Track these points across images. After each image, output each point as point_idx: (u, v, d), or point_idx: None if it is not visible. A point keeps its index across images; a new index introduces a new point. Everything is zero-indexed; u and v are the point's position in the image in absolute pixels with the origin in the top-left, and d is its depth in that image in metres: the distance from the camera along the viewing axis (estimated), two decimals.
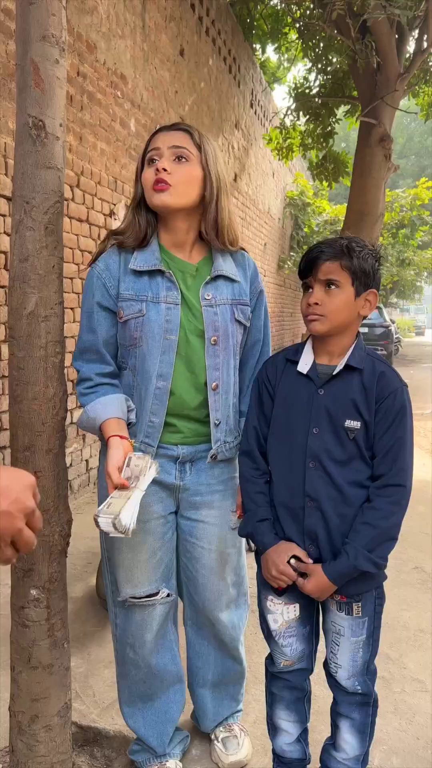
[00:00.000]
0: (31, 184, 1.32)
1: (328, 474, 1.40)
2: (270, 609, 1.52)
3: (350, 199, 6.46)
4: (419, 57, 5.91)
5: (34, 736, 1.45)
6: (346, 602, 1.45)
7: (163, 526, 1.58)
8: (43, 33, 1.28)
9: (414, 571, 3.13)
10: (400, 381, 1.41)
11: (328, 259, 1.37)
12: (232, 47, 7.50)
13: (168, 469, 1.55)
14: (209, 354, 1.52)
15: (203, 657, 1.74)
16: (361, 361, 1.41)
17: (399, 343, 18.05)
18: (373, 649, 1.49)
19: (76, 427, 4.25)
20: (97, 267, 1.51)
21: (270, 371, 1.53)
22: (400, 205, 14.51)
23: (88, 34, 4.10)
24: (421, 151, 28.95)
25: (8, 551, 0.76)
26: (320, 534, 1.41)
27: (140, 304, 1.48)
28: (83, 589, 2.86)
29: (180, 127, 1.49)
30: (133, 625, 1.60)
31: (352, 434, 1.39)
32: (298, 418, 1.44)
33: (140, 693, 1.66)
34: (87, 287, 1.52)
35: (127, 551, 1.56)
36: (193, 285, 1.53)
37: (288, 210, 12.91)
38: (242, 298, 1.58)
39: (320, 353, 1.46)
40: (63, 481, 1.45)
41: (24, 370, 1.37)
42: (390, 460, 1.38)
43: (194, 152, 1.47)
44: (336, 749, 1.55)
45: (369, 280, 1.39)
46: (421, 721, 1.98)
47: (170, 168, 1.45)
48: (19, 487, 0.77)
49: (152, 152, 1.47)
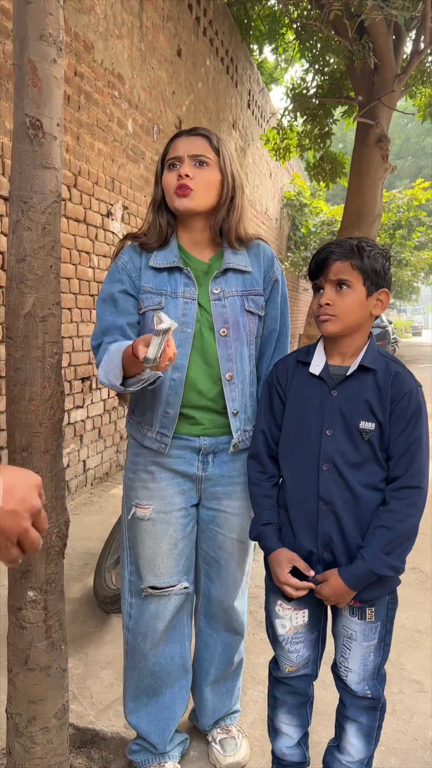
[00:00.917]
0: (29, 184, 1.31)
1: (342, 476, 1.38)
2: (278, 614, 1.51)
3: (347, 199, 6.47)
4: (416, 58, 5.91)
5: (31, 737, 1.45)
6: (359, 607, 1.44)
7: (184, 518, 1.61)
8: (40, 32, 1.28)
9: (412, 571, 3.13)
10: (414, 381, 1.40)
11: (338, 259, 1.36)
12: (229, 48, 7.50)
13: (190, 460, 1.59)
14: (220, 345, 1.55)
15: (210, 650, 1.76)
16: (374, 362, 1.40)
17: (396, 344, 18.06)
18: (384, 653, 1.48)
19: (73, 427, 4.24)
20: (121, 259, 1.58)
21: (281, 373, 1.51)
22: (397, 205, 14.53)
23: (86, 34, 4.10)
24: (418, 152, 28.99)
25: (14, 551, 0.75)
26: (335, 538, 1.40)
27: (160, 297, 1.54)
28: (81, 591, 2.85)
29: (199, 133, 1.55)
30: (147, 615, 1.63)
31: (366, 436, 1.37)
32: (311, 420, 1.42)
33: (146, 687, 1.67)
34: (112, 276, 1.57)
35: (150, 541, 1.59)
36: (205, 281, 1.58)
37: (285, 210, 12.92)
38: (254, 288, 1.60)
39: (332, 354, 1.44)
40: (60, 482, 1.44)
41: (21, 370, 1.36)
42: (406, 462, 1.35)
43: (213, 157, 1.54)
44: (340, 752, 1.54)
45: (380, 279, 1.38)
46: (419, 721, 1.98)
47: (192, 173, 1.51)
48: (25, 486, 0.76)
49: (173, 159, 1.54)
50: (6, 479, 0.74)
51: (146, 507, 1.59)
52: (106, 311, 1.55)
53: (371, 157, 6.15)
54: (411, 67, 5.94)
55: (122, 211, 4.84)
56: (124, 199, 4.86)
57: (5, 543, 0.74)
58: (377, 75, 5.97)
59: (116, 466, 4.99)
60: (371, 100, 5.97)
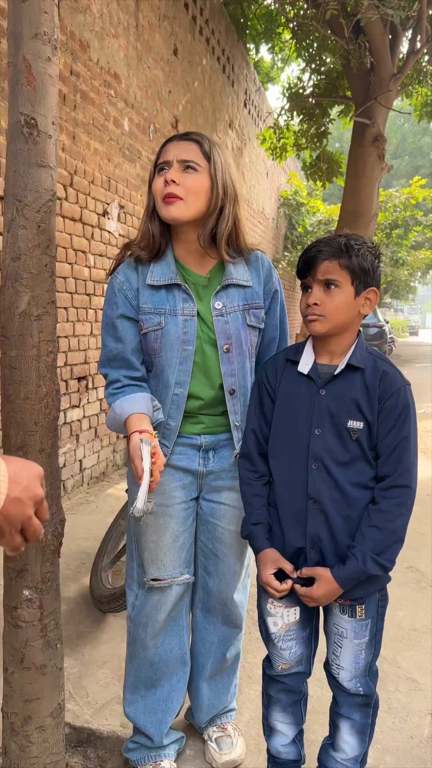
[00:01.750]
0: (23, 182, 1.31)
1: (331, 475, 1.38)
2: (270, 612, 1.51)
3: (344, 199, 6.48)
4: (412, 57, 5.92)
5: (27, 737, 1.45)
6: (349, 605, 1.44)
7: (184, 511, 1.64)
8: (35, 30, 1.27)
9: (408, 570, 3.14)
10: (402, 380, 1.40)
11: (326, 259, 1.35)
12: (225, 47, 7.50)
13: (191, 456, 1.61)
14: (223, 361, 1.56)
15: (207, 643, 1.77)
16: (362, 360, 1.39)
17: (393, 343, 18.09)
18: (375, 650, 1.49)
19: (69, 427, 4.24)
20: (117, 279, 1.56)
21: (270, 372, 1.51)
22: (394, 205, 14.55)
23: (81, 33, 4.09)
24: (414, 152, 29.03)
25: (18, 539, 0.77)
26: (323, 536, 1.40)
27: (159, 317, 1.53)
28: (77, 590, 2.85)
29: (191, 138, 1.51)
30: (149, 606, 1.66)
31: (354, 435, 1.37)
32: (300, 419, 1.42)
33: (145, 678, 1.70)
34: (109, 298, 1.58)
35: (152, 534, 1.62)
36: (205, 296, 1.57)
37: (282, 210, 12.92)
38: (255, 302, 1.59)
39: (321, 353, 1.44)
40: (56, 480, 1.44)
41: (16, 369, 1.36)
42: (395, 461, 1.35)
43: (203, 163, 1.50)
44: (335, 749, 1.54)
45: (369, 278, 1.37)
46: (415, 719, 1.99)
47: (178, 179, 1.47)
48: (28, 475, 0.78)
49: (162, 163, 1.51)
50: (11, 469, 0.76)
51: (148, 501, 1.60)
52: (108, 338, 1.58)
53: (368, 156, 6.16)
54: (407, 67, 5.96)
55: (118, 210, 4.83)
56: (120, 199, 4.85)
57: (9, 530, 0.76)
58: (373, 74, 5.98)
59: (112, 466, 4.98)
60: (367, 100, 5.98)
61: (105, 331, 1.59)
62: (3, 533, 0.75)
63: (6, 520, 0.74)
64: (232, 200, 1.54)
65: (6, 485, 0.74)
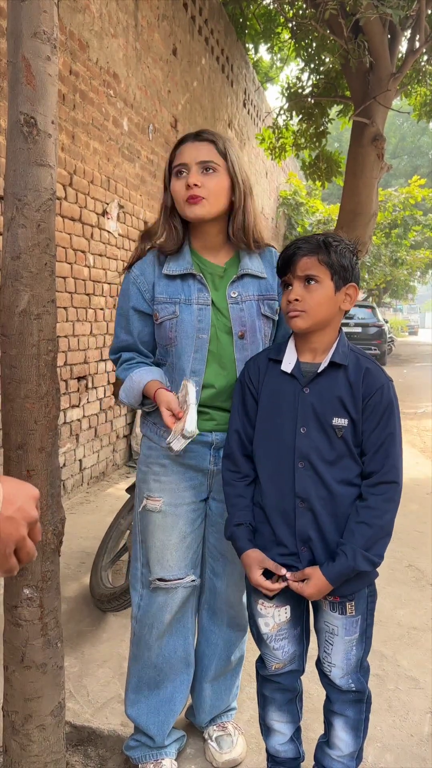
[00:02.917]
0: (23, 181, 1.31)
1: (318, 474, 1.39)
2: (261, 612, 1.51)
3: (343, 198, 6.48)
4: (411, 57, 5.92)
5: (27, 735, 1.45)
6: (339, 602, 1.44)
7: (193, 512, 1.64)
8: (34, 30, 1.28)
9: (408, 569, 3.14)
10: (385, 376, 1.41)
11: (305, 255, 1.37)
12: (224, 46, 7.50)
13: (203, 454, 1.61)
14: (238, 348, 1.58)
15: (212, 645, 1.77)
16: (345, 357, 1.40)
17: (392, 343, 18.11)
18: (366, 646, 1.49)
19: (69, 426, 4.24)
20: (132, 273, 1.62)
21: (252, 371, 1.50)
22: (393, 204, 14.55)
23: (81, 33, 4.09)
24: (413, 151, 29.04)
25: (11, 560, 0.77)
26: (312, 535, 1.40)
27: (174, 306, 1.56)
28: (77, 589, 2.85)
29: (205, 138, 1.54)
30: (155, 607, 1.65)
31: (339, 432, 1.38)
32: (285, 418, 1.43)
33: (148, 679, 1.69)
34: (123, 291, 1.64)
35: (159, 533, 1.62)
36: (221, 285, 1.60)
37: (281, 209, 12.93)
38: (269, 293, 1.63)
39: (303, 351, 1.45)
40: (56, 479, 1.44)
41: (16, 368, 1.36)
42: (381, 457, 1.37)
43: (221, 162, 1.53)
44: (330, 747, 1.55)
45: (348, 274, 1.39)
46: (414, 718, 1.99)
47: (200, 181, 1.51)
48: (23, 496, 0.78)
49: (180, 166, 1.53)
50: (5, 488, 0.76)
51: (157, 499, 1.62)
52: (120, 329, 1.65)
53: (367, 156, 6.16)
54: (406, 66, 5.96)
55: (118, 210, 4.83)
56: (119, 198, 4.85)
57: (3, 550, 0.76)
58: (372, 74, 5.98)
59: (112, 466, 4.99)
60: (366, 99, 5.98)
61: (118, 323, 1.65)
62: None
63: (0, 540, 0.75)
64: (250, 194, 1.60)
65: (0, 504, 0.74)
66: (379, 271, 17.18)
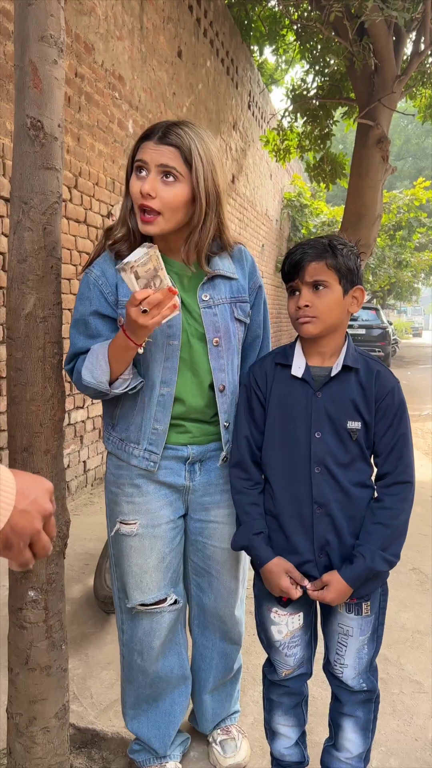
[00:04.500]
0: (30, 184, 1.32)
1: (334, 478, 1.39)
2: (274, 620, 1.50)
3: (347, 200, 6.47)
4: (416, 59, 5.91)
5: (31, 738, 1.45)
6: (356, 603, 1.44)
7: (172, 530, 1.57)
8: (41, 34, 1.28)
9: (412, 572, 3.14)
10: (394, 378, 1.42)
11: (313, 260, 1.36)
12: (229, 49, 7.51)
13: (177, 470, 1.53)
14: (213, 356, 1.49)
15: (207, 660, 1.74)
16: (356, 361, 1.41)
17: (396, 345, 18.07)
18: (377, 645, 1.50)
19: (73, 428, 4.24)
20: (92, 273, 1.46)
21: (259, 376, 1.48)
22: (398, 206, 14.54)
23: (86, 36, 4.10)
24: (418, 153, 29.01)
25: (27, 553, 0.77)
26: (331, 540, 1.40)
27: None
28: (81, 591, 2.85)
29: (170, 142, 1.35)
30: (140, 632, 1.58)
31: (354, 435, 1.38)
32: (298, 424, 1.41)
33: (146, 696, 1.66)
34: (82, 294, 1.47)
35: (136, 557, 1.54)
36: (191, 287, 1.50)
37: (286, 211, 12.92)
38: (241, 295, 1.55)
39: (311, 355, 1.43)
40: (61, 482, 1.45)
41: (22, 371, 1.36)
42: (395, 458, 1.38)
43: (183, 171, 1.36)
44: (338, 749, 1.54)
45: (354, 277, 1.39)
46: (419, 722, 1.98)
47: (155, 190, 1.35)
48: (38, 489, 0.78)
49: (140, 162, 1.38)
50: (20, 482, 0.76)
51: (132, 523, 1.52)
52: (77, 336, 1.46)
53: (371, 158, 6.15)
54: (411, 69, 5.94)
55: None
56: None
57: (18, 543, 0.76)
58: (377, 76, 5.97)
59: None
60: (371, 101, 5.98)
61: (74, 329, 1.47)
62: (11, 546, 0.75)
63: (14, 533, 0.75)
64: (215, 206, 1.43)
65: (14, 497, 0.74)
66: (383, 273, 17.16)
